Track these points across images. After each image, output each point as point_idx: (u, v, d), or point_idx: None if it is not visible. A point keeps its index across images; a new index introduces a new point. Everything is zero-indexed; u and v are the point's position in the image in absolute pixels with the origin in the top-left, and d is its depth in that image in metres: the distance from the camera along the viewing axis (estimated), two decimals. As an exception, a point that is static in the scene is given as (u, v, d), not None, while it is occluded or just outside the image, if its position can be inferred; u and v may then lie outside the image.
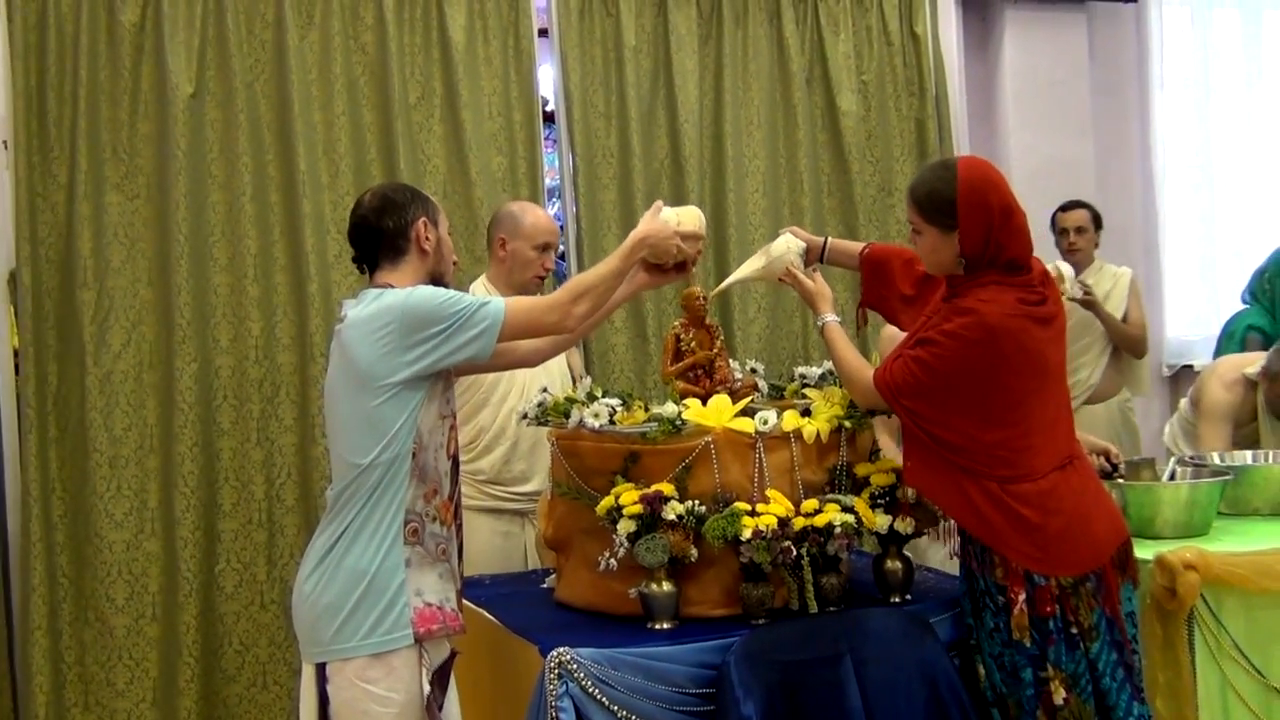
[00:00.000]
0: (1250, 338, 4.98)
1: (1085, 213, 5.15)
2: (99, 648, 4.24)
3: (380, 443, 2.55)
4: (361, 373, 2.56)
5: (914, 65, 5.39)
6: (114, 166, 4.32)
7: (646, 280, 3.03)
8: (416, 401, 2.58)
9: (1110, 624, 2.73)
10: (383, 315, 2.55)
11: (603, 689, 2.53)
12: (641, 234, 2.86)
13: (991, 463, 2.72)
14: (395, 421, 2.55)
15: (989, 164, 2.87)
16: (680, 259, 2.95)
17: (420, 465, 2.60)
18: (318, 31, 4.57)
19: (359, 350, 2.56)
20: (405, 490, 2.57)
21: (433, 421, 2.63)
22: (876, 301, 3.20)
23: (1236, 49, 6.29)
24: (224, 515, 4.36)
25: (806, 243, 3.19)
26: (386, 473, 2.55)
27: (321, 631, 2.57)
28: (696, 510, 2.75)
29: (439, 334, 2.55)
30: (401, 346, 2.54)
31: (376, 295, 2.61)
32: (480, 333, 2.58)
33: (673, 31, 5.01)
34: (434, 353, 2.55)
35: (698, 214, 3.01)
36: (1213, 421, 4.23)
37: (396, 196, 2.74)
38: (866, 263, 3.19)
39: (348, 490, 2.58)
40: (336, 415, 2.65)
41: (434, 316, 2.55)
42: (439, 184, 4.66)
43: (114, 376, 4.28)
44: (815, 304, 3.06)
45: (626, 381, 4.83)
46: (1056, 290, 2.85)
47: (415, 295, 2.58)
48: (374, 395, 2.55)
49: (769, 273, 3.18)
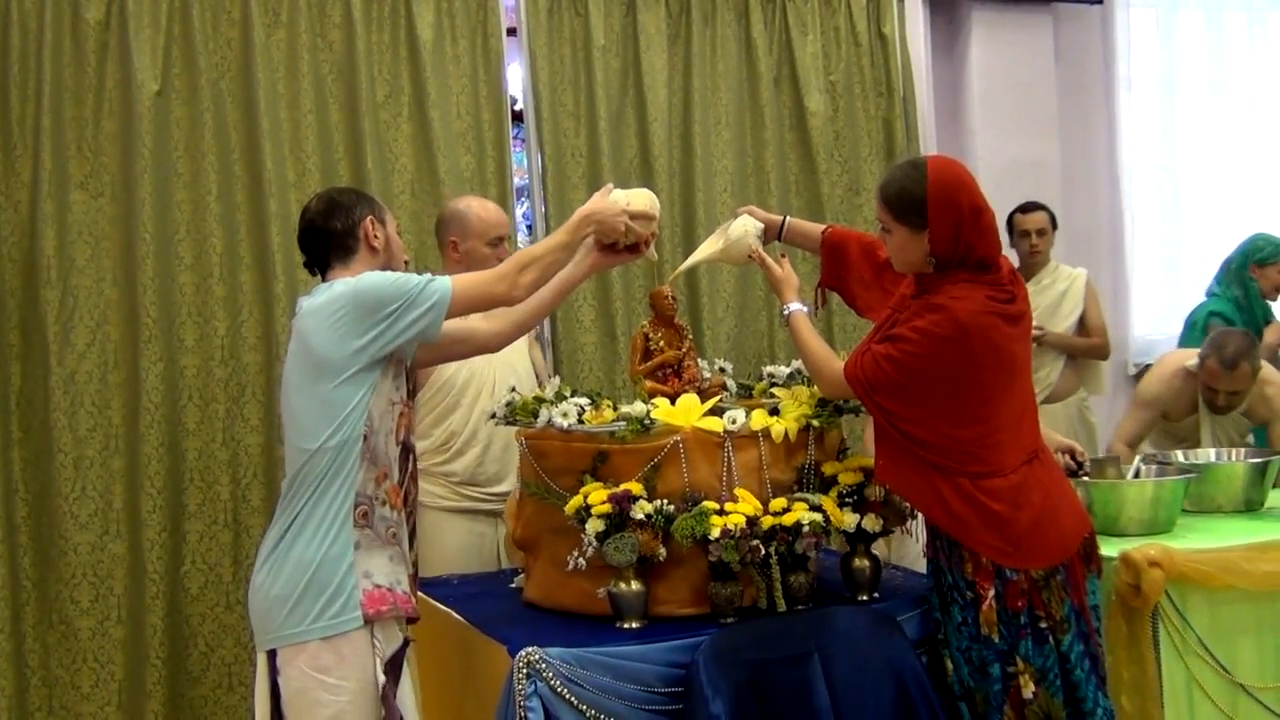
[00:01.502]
0: (1212, 325, 5.05)
1: (1045, 214, 5.17)
2: (63, 650, 4.20)
3: (331, 426, 2.59)
4: (318, 357, 2.61)
5: (881, 66, 5.41)
6: (78, 164, 4.29)
7: (599, 260, 3.02)
8: (370, 384, 2.62)
9: (1078, 615, 2.76)
10: (336, 301, 2.61)
11: (571, 688, 2.53)
12: (587, 210, 2.90)
13: (964, 459, 2.74)
14: (348, 404, 2.59)
15: (959, 163, 2.90)
16: (632, 240, 2.95)
17: (371, 449, 2.63)
18: (284, 29, 4.54)
19: (315, 337, 2.61)
20: (356, 473, 2.61)
21: (384, 406, 2.67)
22: (835, 283, 3.24)
23: (1201, 51, 6.35)
24: (190, 516, 4.33)
25: (764, 222, 3.20)
26: (337, 457, 2.59)
27: (272, 619, 2.60)
28: (665, 509, 2.75)
29: (390, 314, 2.60)
30: (356, 330, 2.59)
31: (328, 287, 2.68)
32: (429, 309, 2.63)
33: (641, 31, 5.01)
34: (387, 333, 2.60)
35: (649, 195, 3.00)
36: (1136, 408, 4.29)
37: (342, 198, 2.81)
38: (826, 244, 3.22)
39: (298, 477, 2.62)
40: (290, 405, 2.69)
41: (385, 297, 2.61)
42: (407, 183, 4.65)
43: (78, 376, 4.24)
44: (781, 291, 3.08)
45: (595, 381, 4.82)
46: (1024, 288, 2.87)
47: (364, 279, 2.64)
48: (330, 379, 2.59)
49: (728, 255, 3.19)
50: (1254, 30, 6.47)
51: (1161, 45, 6.26)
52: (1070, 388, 5.17)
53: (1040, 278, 5.11)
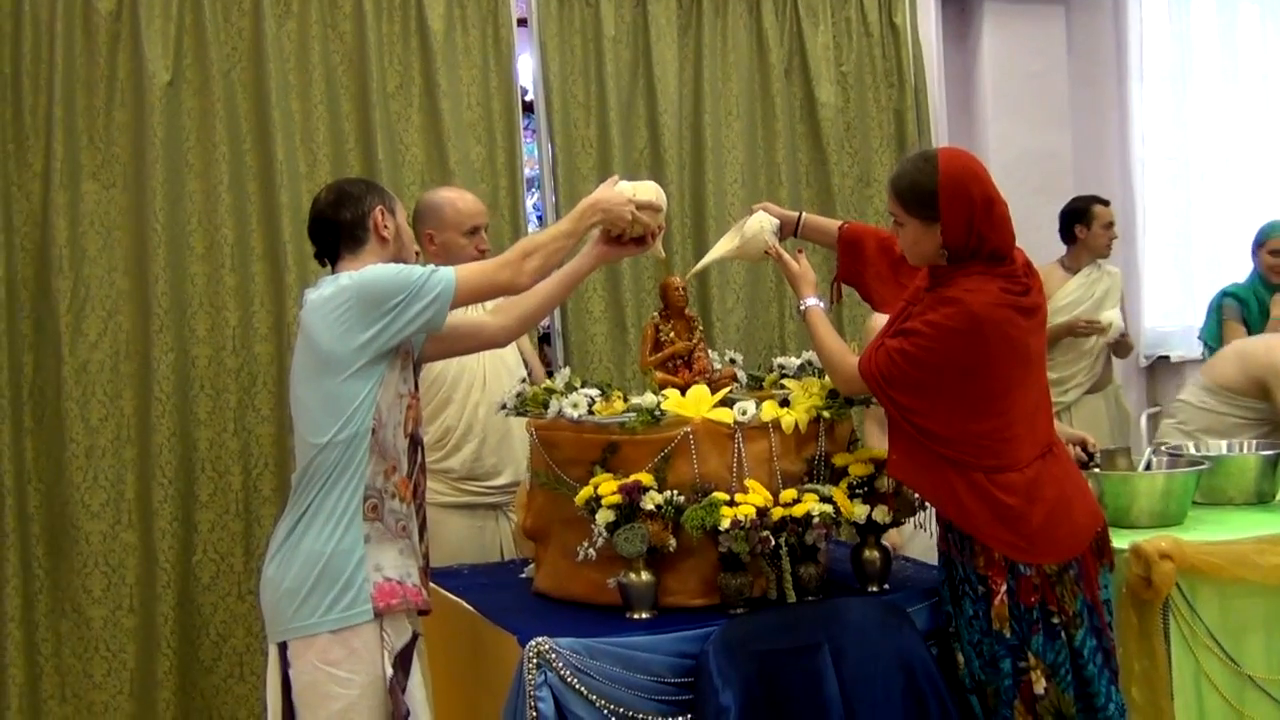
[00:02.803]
0: (1225, 306, 5.05)
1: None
2: (75, 639, 4.23)
3: (339, 420, 2.58)
4: (324, 353, 2.60)
5: (893, 56, 5.40)
6: (90, 155, 4.30)
7: (606, 251, 2.99)
8: (377, 378, 2.61)
9: (1091, 610, 2.75)
10: (340, 294, 2.60)
11: (581, 679, 2.53)
12: (593, 199, 2.88)
13: (979, 453, 2.72)
14: (355, 398, 2.59)
15: (970, 155, 2.87)
16: (638, 231, 2.94)
17: (380, 442, 2.63)
18: (295, 20, 4.54)
19: (319, 331, 2.61)
20: (365, 467, 2.60)
21: (391, 399, 2.66)
22: (852, 278, 3.22)
23: (1213, 41, 6.33)
24: (201, 506, 4.35)
25: (780, 219, 3.19)
26: (345, 451, 2.59)
27: (283, 612, 2.60)
28: (675, 500, 2.75)
29: (395, 307, 2.59)
30: (361, 323, 2.58)
31: (333, 279, 2.66)
32: (433, 299, 2.62)
33: (652, 22, 5.01)
34: (392, 325, 2.59)
35: (655, 187, 2.99)
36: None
37: (352, 189, 2.80)
38: (843, 240, 3.21)
39: (308, 471, 2.61)
40: (298, 398, 2.68)
41: (389, 290, 2.59)
42: (417, 174, 4.65)
43: (90, 366, 4.26)
44: (798, 287, 3.06)
45: (605, 372, 4.83)
46: (1039, 280, 2.85)
47: (368, 272, 2.63)
48: (337, 373, 2.59)
49: (745, 253, 3.18)
50: (1266, 20, 6.44)
51: (1174, 35, 6.23)
52: (1109, 376, 5.27)
53: (1089, 271, 5.14)
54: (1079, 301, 5.12)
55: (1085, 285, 5.14)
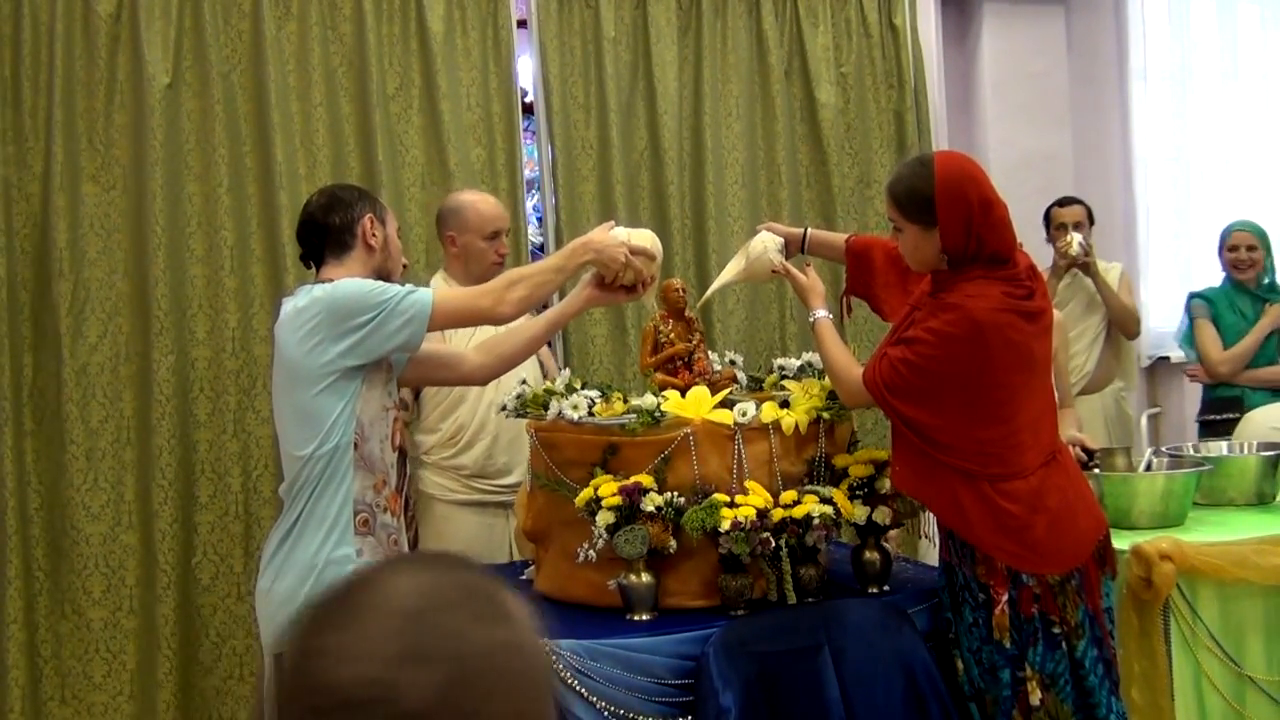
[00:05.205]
0: (1194, 305, 5.06)
1: (1082, 208, 5.13)
2: (76, 640, 4.23)
3: (318, 435, 2.58)
4: (293, 365, 2.59)
5: (893, 57, 5.40)
6: (90, 157, 4.30)
7: (595, 295, 2.97)
8: (353, 392, 2.60)
9: (1092, 620, 2.73)
10: (310, 308, 2.59)
11: (582, 680, 2.53)
12: (586, 238, 2.88)
13: (985, 460, 2.69)
14: (332, 413, 2.58)
15: (967, 158, 2.86)
16: (630, 278, 2.92)
17: (364, 456, 2.62)
18: (295, 22, 4.54)
19: (287, 346, 2.61)
20: (350, 481, 2.60)
21: (374, 413, 2.65)
22: (861, 290, 3.21)
23: (1214, 41, 6.32)
24: (201, 507, 4.35)
25: (784, 236, 3.19)
26: (328, 465, 2.58)
27: (276, 623, 2.60)
28: (675, 502, 2.75)
29: (367, 323, 2.57)
30: (330, 337, 2.57)
31: (308, 290, 2.65)
32: (408, 320, 2.60)
33: (652, 23, 5.01)
34: (364, 342, 2.57)
35: (652, 235, 2.99)
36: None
37: (344, 195, 2.80)
38: (850, 252, 3.20)
39: (295, 484, 2.62)
40: (277, 410, 2.70)
41: (360, 306, 2.57)
42: (417, 175, 4.65)
43: (90, 368, 4.26)
44: (807, 299, 3.05)
45: (605, 373, 4.83)
46: (1044, 284, 2.83)
47: (341, 286, 2.61)
48: (308, 387, 2.58)
49: (751, 274, 3.18)
50: (1266, 20, 6.43)
51: (1174, 35, 6.22)
52: (1108, 376, 5.12)
53: (1068, 279, 5.09)
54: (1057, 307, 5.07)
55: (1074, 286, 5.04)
